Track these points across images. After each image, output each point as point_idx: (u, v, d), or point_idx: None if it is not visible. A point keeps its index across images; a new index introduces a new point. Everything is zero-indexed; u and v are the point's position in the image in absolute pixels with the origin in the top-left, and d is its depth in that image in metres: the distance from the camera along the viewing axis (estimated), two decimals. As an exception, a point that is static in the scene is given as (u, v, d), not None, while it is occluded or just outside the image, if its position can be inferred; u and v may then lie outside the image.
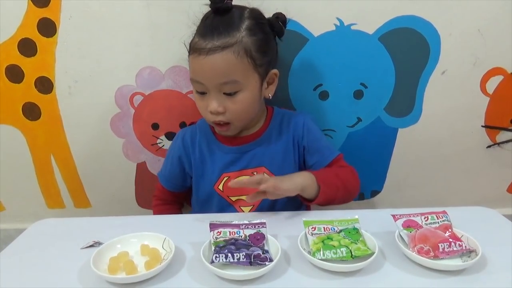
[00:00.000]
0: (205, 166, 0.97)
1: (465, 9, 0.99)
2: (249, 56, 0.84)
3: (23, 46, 1.02)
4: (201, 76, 0.85)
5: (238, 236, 0.71)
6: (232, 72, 0.83)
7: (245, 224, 0.74)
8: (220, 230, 0.72)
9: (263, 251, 0.67)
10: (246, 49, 0.83)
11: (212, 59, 0.82)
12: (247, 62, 0.84)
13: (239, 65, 0.83)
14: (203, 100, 0.88)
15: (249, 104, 0.88)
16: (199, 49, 0.83)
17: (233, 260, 0.65)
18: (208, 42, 0.82)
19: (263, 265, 0.64)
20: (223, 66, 0.82)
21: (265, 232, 0.72)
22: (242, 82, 0.85)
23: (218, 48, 0.81)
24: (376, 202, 1.23)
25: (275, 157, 0.96)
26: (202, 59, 0.82)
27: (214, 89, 0.85)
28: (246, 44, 0.83)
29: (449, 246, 0.67)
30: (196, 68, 0.85)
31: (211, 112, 0.87)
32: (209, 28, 0.83)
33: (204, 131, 0.99)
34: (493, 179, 1.21)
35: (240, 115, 0.89)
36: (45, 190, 1.21)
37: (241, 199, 0.96)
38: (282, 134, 0.97)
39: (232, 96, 0.86)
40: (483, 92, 1.08)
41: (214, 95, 0.86)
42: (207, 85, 0.85)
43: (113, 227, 0.81)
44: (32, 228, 0.86)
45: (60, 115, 1.10)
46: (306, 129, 0.97)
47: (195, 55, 0.84)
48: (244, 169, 0.95)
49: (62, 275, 0.68)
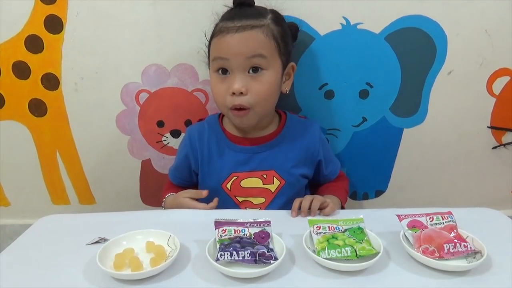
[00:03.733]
0: (214, 163, 0.97)
1: (472, 10, 0.99)
2: (275, 40, 0.86)
3: (30, 43, 1.02)
4: (228, 52, 0.84)
5: (243, 234, 0.71)
6: (261, 48, 0.84)
7: (250, 223, 0.74)
8: (225, 228, 0.72)
9: (268, 250, 0.67)
10: (273, 33, 0.85)
11: (242, 35, 0.83)
12: (274, 45, 0.86)
13: (268, 43, 0.85)
14: (224, 81, 0.87)
15: (271, 87, 0.88)
16: (227, 28, 0.84)
17: (238, 258, 0.65)
18: (237, 22, 0.84)
19: (268, 263, 0.65)
20: (252, 41, 0.83)
21: (270, 230, 0.72)
22: (269, 60, 0.85)
23: (248, 26, 0.83)
24: (380, 202, 1.22)
25: (285, 162, 0.96)
26: (231, 36, 0.83)
27: (239, 67, 0.84)
28: (272, 30, 0.86)
29: (454, 247, 0.67)
30: (223, 45, 0.85)
31: (233, 92, 0.85)
32: (236, 13, 0.86)
33: (214, 128, 0.98)
34: (499, 180, 1.20)
35: (262, 98, 0.87)
36: (50, 186, 1.21)
37: (249, 200, 0.96)
38: (295, 141, 0.97)
39: (257, 75, 0.85)
40: (490, 92, 1.08)
41: (238, 75, 0.85)
42: (233, 61, 0.84)
43: (118, 223, 0.81)
44: (38, 224, 0.86)
45: (66, 111, 1.10)
46: (321, 143, 0.99)
47: (222, 35, 0.84)
48: (254, 171, 0.95)
49: (67, 271, 0.68)
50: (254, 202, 0.96)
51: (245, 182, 0.95)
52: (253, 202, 0.96)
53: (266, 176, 0.95)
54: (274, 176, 0.95)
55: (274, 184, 0.95)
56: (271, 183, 0.95)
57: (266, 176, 0.95)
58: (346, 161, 1.16)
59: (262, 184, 0.95)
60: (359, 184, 1.20)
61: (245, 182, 0.95)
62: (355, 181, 1.19)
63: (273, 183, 0.95)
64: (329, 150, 1.04)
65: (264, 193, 0.96)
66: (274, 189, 0.96)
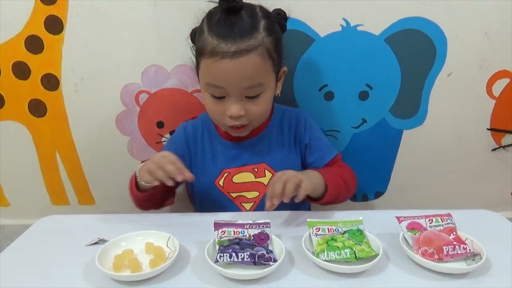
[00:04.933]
0: (206, 160, 0.96)
1: (472, 11, 0.99)
2: (270, 57, 0.81)
3: (30, 43, 1.02)
4: (224, 81, 0.80)
5: (242, 235, 0.71)
6: (258, 75, 0.80)
7: (250, 224, 0.74)
8: (225, 229, 0.72)
9: (267, 251, 0.67)
10: (268, 50, 0.80)
11: (238, 62, 0.77)
12: (269, 64, 0.82)
13: (264, 67, 0.81)
14: (220, 104, 0.84)
15: (268, 104, 0.88)
16: (221, 52, 0.77)
17: (237, 260, 0.65)
18: (231, 45, 0.77)
19: (267, 265, 0.65)
20: (249, 70, 0.79)
21: (269, 232, 0.72)
22: (266, 84, 0.83)
23: (243, 51, 0.77)
24: (380, 203, 1.22)
25: (276, 154, 0.95)
26: (226, 63, 0.77)
27: (236, 93, 0.81)
28: (267, 45, 0.80)
29: (453, 249, 0.67)
30: (218, 73, 0.80)
31: (231, 116, 0.83)
32: (227, 29, 0.78)
33: (207, 126, 0.98)
34: (498, 182, 1.20)
35: (260, 116, 0.88)
36: (50, 186, 1.21)
37: (242, 195, 0.96)
38: (283, 130, 0.96)
39: (255, 99, 0.83)
40: (489, 94, 1.08)
41: (235, 99, 0.82)
42: (230, 90, 0.81)
43: (117, 224, 0.82)
44: (37, 225, 0.86)
45: (66, 112, 1.10)
46: (308, 126, 0.97)
47: (216, 58, 0.78)
48: (244, 165, 0.95)
49: (67, 272, 0.68)
50: (248, 197, 0.95)
51: (236, 177, 0.95)
52: (247, 196, 0.95)
53: (258, 169, 0.94)
54: (265, 168, 0.94)
55: (266, 176, 0.94)
56: (263, 176, 0.95)
57: (257, 169, 0.94)
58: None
59: (254, 178, 0.95)
60: (359, 185, 1.19)
61: (236, 177, 0.95)
62: (355, 183, 1.19)
63: (265, 175, 0.95)
64: (318, 138, 0.97)
65: (257, 186, 0.95)
66: (267, 181, 0.94)
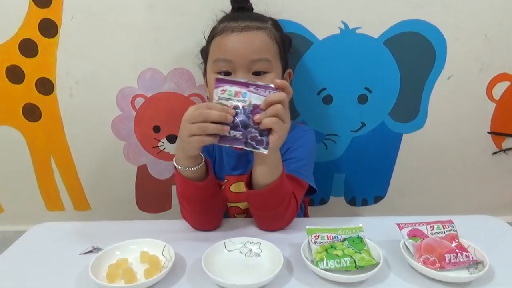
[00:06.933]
0: (216, 165, 0.95)
1: (471, 14, 0.98)
2: (278, 44, 0.86)
3: (24, 47, 1.00)
4: (232, 53, 0.81)
5: (243, 98, 0.66)
6: (265, 50, 0.83)
7: (255, 86, 0.67)
8: (226, 88, 0.67)
9: (260, 133, 0.67)
10: (275, 37, 0.85)
11: (247, 35, 0.82)
12: (277, 48, 0.85)
13: (272, 46, 0.84)
14: None
15: None
16: (231, 27, 0.82)
17: (228, 135, 0.66)
18: (241, 22, 0.83)
19: (257, 148, 0.67)
20: (258, 43, 0.82)
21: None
22: (273, 63, 0.84)
23: (253, 26, 0.83)
24: (380, 208, 1.21)
25: None
26: (235, 35, 0.81)
27: (242, 68, 0.81)
28: (274, 33, 0.86)
29: (455, 257, 0.66)
30: (227, 45, 0.82)
31: None
32: (238, 15, 0.85)
33: None
34: (498, 185, 1.19)
35: None
36: (45, 192, 1.19)
37: (237, 206, 0.94)
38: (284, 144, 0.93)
39: (261, 77, 0.83)
40: (490, 98, 1.07)
41: (242, 74, 0.81)
42: (237, 63, 0.81)
43: (112, 232, 0.80)
44: (31, 232, 0.85)
45: (61, 116, 1.08)
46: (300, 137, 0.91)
47: (226, 33, 0.82)
48: (241, 174, 0.93)
49: (60, 281, 0.67)
50: (242, 208, 0.94)
51: (234, 186, 0.94)
52: (241, 207, 0.94)
53: None
54: None
55: None
56: None
57: None
58: (344, 167, 1.15)
59: None
60: (358, 190, 1.19)
61: (234, 186, 0.94)
62: (354, 187, 1.18)
63: None
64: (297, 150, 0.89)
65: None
66: None
